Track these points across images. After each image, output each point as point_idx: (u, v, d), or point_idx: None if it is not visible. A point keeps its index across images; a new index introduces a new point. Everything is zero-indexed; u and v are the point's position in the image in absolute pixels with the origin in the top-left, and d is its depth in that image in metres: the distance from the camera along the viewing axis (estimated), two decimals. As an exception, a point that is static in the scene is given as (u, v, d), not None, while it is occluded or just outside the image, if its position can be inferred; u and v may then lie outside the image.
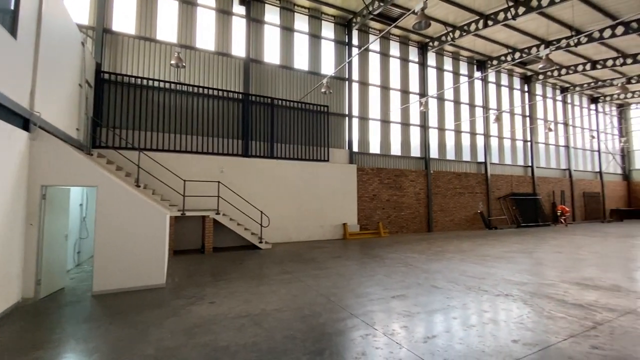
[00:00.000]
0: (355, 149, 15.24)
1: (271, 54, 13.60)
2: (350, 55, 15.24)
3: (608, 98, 26.36)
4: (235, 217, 11.24)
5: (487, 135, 19.85)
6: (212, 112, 11.99)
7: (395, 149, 16.62)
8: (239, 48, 12.89)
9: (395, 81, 16.91)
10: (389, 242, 12.66)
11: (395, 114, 16.67)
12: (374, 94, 16.23)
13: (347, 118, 15.05)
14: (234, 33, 12.86)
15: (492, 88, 20.96)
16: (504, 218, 19.46)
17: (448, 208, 17.73)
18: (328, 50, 15.04)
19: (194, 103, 11.69)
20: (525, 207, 20.06)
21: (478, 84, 20.21)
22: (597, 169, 26.14)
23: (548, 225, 20.21)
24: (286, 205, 12.70)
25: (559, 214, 20.77)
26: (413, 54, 17.64)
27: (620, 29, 13.92)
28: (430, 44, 17.29)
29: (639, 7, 12.49)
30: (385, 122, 16.31)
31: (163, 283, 6.28)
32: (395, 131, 16.72)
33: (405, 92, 17.11)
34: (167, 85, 11.28)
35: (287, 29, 13.93)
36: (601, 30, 14.34)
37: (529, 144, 21.92)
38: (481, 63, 19.87)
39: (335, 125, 14.78)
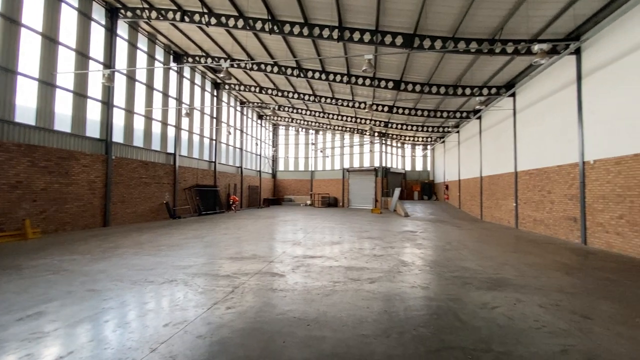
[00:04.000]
0: (-17, 111, 10.15)
1: None
2: (-18, -34, 9.96)
3: (268, 117, 35.87)
4: None
5: (178, 128, 20.39)
6: None
7: (64, 124, 12.92)
8: None
9: (68, 35, 13.12)
10: (39, 245, 9.53)
11: (65, 78, 12.94)
12: (31, 39, 11.68)
13: (-33, 61, 9.69)
14: None
15: (186, 83, 21.85)
16: (188, 207, 20.91)
17: (131, 199, 16.31)
18: None
19: None
20: (206, 197, 22.68)
21: (174, 75, 20.31)
22: (258, 168, 34.78)
23: (223, 212, 24.11)
24: None
25: (231, 202, 25.45)
26: (98, 13, 14.59)
27: (276, 69, 19.26)
28: (122, 11, 15.12)
29: (286, 55, 17.92)
30: (47, 84, 12.20)
31: None
32: (65, 100, 12.99)
33: (83, 54, 13.74)
34: None
35: None
36: (265, 65, 19.11)
37: (214, 142, 25.05)
38: (178, 56, 20.14)
39: (-64, 66, 9.03)
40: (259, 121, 35.14)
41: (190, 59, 20.25)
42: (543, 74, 13.33)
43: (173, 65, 19.82)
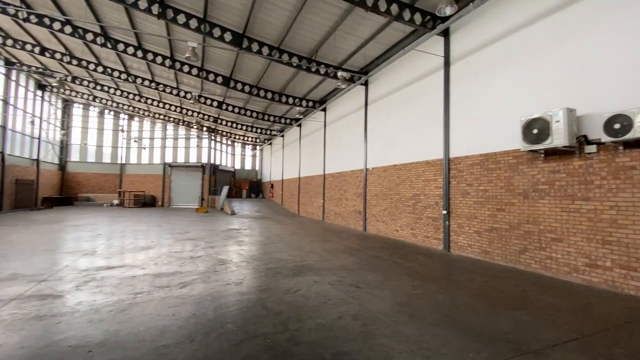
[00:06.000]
0: None
1: None
2: None
3: (55, 89, 27.20)
4: None
5: None
6: None
7: None
8: None
9: None
10: None
11: None
12: None
13: None
14: None
15: None
16: None
17: None
18: None
19: None
20: None
21: None
22: (35, 157, 25.75)
23: (-38, 218, 16.36)
24: None
25: (-21, 203, 17.56)
26: None
27: (68, 29, 14.82)
28: None
29: (85, 16, 14.04)
30: None
31: None
32: None
33: None
34: None
35: None
36: (52, 20, 14.38)
37: (-54, 112, 16.61)
38: None
39: None
40: (39, 93, 26.14)
41: None
42: (345, 96, 16.52)
43: None
